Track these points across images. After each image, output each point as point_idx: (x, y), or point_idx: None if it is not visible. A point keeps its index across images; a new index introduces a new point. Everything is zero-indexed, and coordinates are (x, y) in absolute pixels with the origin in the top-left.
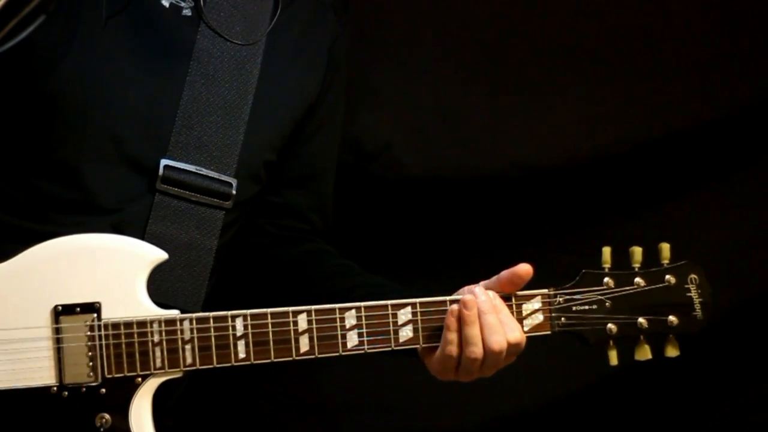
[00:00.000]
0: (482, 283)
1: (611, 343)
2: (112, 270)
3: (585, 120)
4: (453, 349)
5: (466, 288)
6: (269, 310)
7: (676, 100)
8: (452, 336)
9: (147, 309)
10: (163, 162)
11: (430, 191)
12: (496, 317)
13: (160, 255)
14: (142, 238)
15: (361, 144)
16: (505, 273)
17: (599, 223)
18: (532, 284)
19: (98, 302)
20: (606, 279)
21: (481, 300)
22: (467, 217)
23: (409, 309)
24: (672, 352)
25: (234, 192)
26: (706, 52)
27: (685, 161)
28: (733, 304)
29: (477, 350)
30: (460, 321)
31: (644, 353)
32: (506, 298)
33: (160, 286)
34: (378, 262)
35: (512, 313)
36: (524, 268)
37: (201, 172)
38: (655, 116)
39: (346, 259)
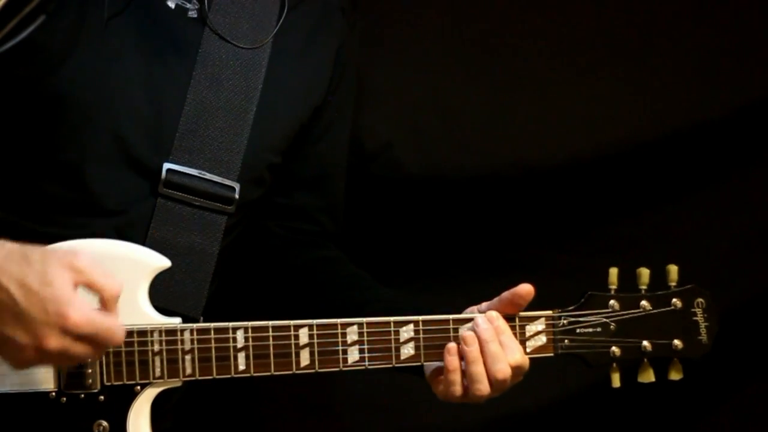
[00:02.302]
0: (484, 304)
1: (614, 365)
2: None
3: (585, 120)
4: (458, 389)
5: (469, 309)
6: (271, 323)
7: (676, 100)
8: (455, 377)
9: (148, 317)
10: (166, 166)
11: (430, 191)
12: (498, 345)
13: (162, 263)
14: (144, 242)
15: (361, 144)
16: (505, 294)
17: (599, 223)
18: (534, 286)
19: None
20: (611, 301)
21: (482, 329)
22: (467, 217)
23: (411, 326)
24: (675, 375)
25: (237, 196)
26: (706, 52)
27: (685, 161)
28: (733, 304)
29: (483, 387)
30: (462, 359)
31: (648, 376)
32: (509, 319)
33: (161, 291)
34: (378, 261)
35: (515, 334)
36: (525, 289)
37: (204, 177)
38: (655, 116)
39: (356, 267)
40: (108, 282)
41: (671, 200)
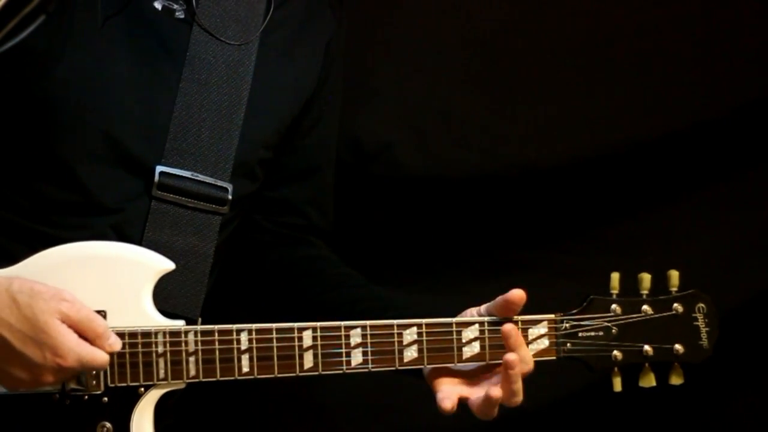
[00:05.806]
0: (483, 306)
1: (616, 370)
2: (119, 279)
3: (585, 120)
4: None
5: (468, 311)
6: (274, 325)
7: (676, 100)
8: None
9: (152, 319)
10: (159, 169)
11: (430, 191)
12: (521, 382)
13: (167, 265)
14: (140, 243)
15: (361, 144)
16: (499, 299)
17: (599, 223)
18: (533, 286)
19: (104, 311)
20: (613, 306)
21: (516, 371)
22: (467, 217)
23: (414, 329)
24: (676, 380)
25: (230, 197)
26: (706, 52)
27: (684, 161)
28: (733, 304)
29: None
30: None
31: (649, 381)
32: (511, 322)
33: (158, 292)
34: (378, 262)
35: None
36: (517, 295)
37: (197, 178)
38: (655, 116)
39: (347, 264)
40: (92, 326)
41: (671, 200)
